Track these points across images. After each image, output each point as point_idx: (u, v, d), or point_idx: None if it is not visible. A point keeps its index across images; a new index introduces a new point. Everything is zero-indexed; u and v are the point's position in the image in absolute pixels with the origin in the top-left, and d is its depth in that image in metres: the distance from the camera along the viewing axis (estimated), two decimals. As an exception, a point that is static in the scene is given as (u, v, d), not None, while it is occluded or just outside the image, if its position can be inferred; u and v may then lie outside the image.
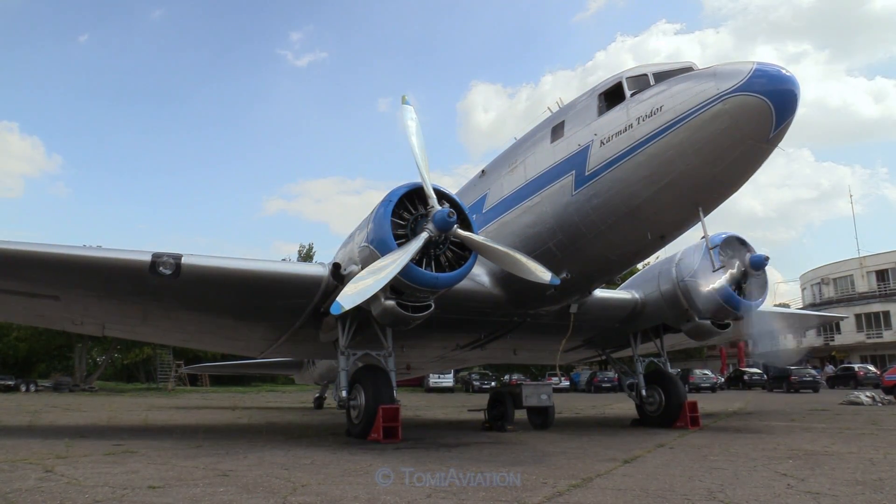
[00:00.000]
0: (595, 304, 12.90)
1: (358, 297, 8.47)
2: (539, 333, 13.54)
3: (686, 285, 12.68)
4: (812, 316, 26.59)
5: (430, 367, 21.93)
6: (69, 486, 5.71)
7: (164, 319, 11.84)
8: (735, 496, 5.34)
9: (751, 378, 43.94)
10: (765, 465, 7.24)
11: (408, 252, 8.65)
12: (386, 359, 10.67)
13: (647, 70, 9.35)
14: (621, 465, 7.29)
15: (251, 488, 5.66)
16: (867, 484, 5.96)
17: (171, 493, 5.39)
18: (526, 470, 6.78)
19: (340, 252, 10.55)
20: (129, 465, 7.20)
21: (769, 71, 8.01)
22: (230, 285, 10.41)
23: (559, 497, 5.29)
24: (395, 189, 9.51)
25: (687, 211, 9.11)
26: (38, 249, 9.69)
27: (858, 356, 54.38)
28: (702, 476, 6.47)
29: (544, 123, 10.93)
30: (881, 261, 57.42)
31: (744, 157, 8.35)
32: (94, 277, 10.05)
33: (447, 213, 8.88)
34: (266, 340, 13.08)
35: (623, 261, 10.78)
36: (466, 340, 13.74)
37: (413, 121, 9.90)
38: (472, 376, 46.47)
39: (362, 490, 5.60)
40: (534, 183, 10.48)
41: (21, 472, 6.60)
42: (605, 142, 9.28)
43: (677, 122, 8.44)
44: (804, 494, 5.43)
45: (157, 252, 9.80)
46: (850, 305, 56.08)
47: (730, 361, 56.03)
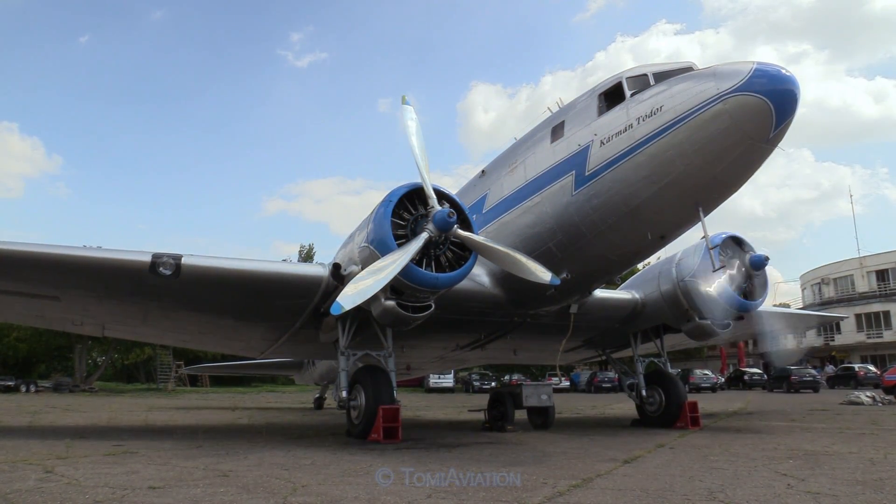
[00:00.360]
0: (595, 304, 12.90)
1: (358, 298, 8.47)
2: (539, 334, 13.54)
3: (686, 285, 12.67)
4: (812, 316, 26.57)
5: (430, 368, 21.93)
6: (69, 487, 5.70)
7: (164, 320, 11.83)
8: (735, 496, 5.34)
9: (751, 378, 43.99)
10: (765, 465, 7.24)
11: (408, 252, 8.64)
12: (386, 359, 10.67)
13: (647, 70, 9.34)
14: (621, 466, 7.29)
15: (251, 489, 5.66)
16: (867, 484, 5.96)
17: (171, 494, 5.38)
18: (526, 470, 6.78)
19: (340, 252, 10.55)
20: (130, 465, 7.20)
21: (769, 71, 8.01)
22: (230, 285, 10.41)
23: (559, 497, 5.28)
24: (395, 189, 9.50)
25: (687, 211, 9.10)
26: (38, 250, 9.68)
27: (858, 356, 54.41)
28: (702, 476, 6.46)
29: (544, 124, 10.93)
30: (881, 261, 57.44)
31: (744, 157, 8.35)
32: (94, 278, 10.05)
33: (447, 214, 8.87)
34: (266, 341, 13.08)
35: (623, 261, 10.77)
36: (466, 341, 13.73)
37: (413, 121, 9.90)
38: (472, 376, 46.48)
39: (362, 490, 5.60)
40: (534, 183, 10.48)
41: (21, 472, 6.60)
42: (606, 142, 9.28)
43: (677, 121, 8.44)
44: (804, 494, 5.42)
45: (157, 252, 9.80)
46: (850, 305, 56.11)
47: (730, 361, 56.07)
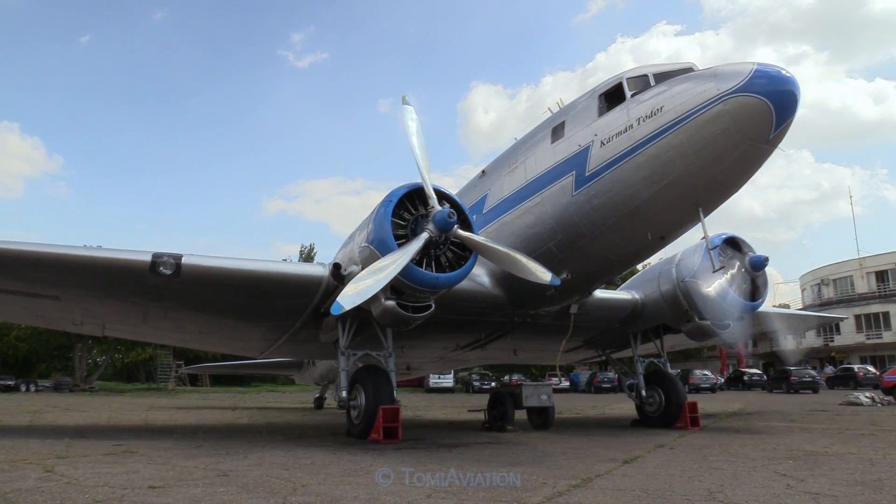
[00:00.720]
0: (595, 304, 12.91)
1: (358, 298, 8.46)
2: (539, 334, 13.54)
3: (686, 286, 12.68)
4: (812, 317, 26.60)
5: (430, 368, 21.93)
6: (69, 486, 5.71)
7: (164, 319, 11.83)
8: (735, 496, 5.35)
9: (750, 378, 44.04)
10: (764, 466, 7.25)
11: (408, 252, 8.64)
12: (386, 359, 10.67)
13: (648, 71, 9.35)
14: (621, 466, 7.29)
15: (251, 488, 5.67)
16: (866, 484, 5.96)
17: (171, 493, 5.39)
18: (526, 470, 6.78)
19: (341, 252, 10.56)
20: (130, 465, 7.20)
21: (769, 72, 8.01)
22: (230, 285, 10.41)
23: (559, 497, 5.29)
24: (395, 189, 9.50)
25: (687, 211, 9.11)
26: (39, 249, 9.68)
27: (858, 357, 54.47)
28: (701, 476, 6.47)
29: (544, 124, 10.93)
30: (881, 262, 57.46)
31: (744, 158, 8.35)
32: (95, 277, 10.05)
33: (447, 214, 8.87)
34: (266, 341, 13.09)
35: (623, 261, 10.77)
36: (466, 341, 13.74)
37: (413, 121, 9.90)
38: (472, 376, 46.50)
39: (362, 490, 5.61)
40: (534, 183, 10.49)
41: (21, 472, 6.60)
42: (606, 142, 9.28)
43: (678, 122, 8.44)
44: (803, 495, 5.43)
45: (157, 252, 9.80)
46: (849, 306, 56.11)
47: (729, 362, 56.04)
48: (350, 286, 8.74)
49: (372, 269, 8.78)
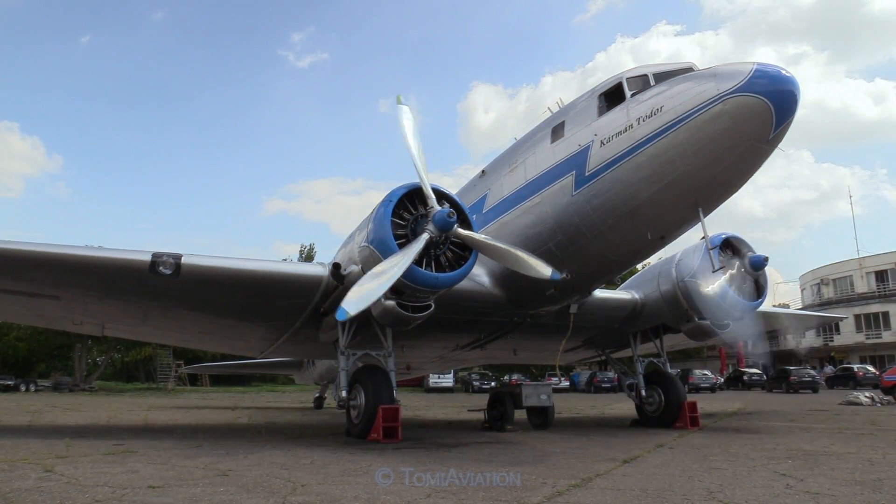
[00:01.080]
0: (595, 304, 12.91)
1: (362, 303, 8.44)
2: (539, 334, 13.54)
3: (686, 286, 12.68)
4: (811, 316, 26.62)
5: (430, 368, 21.93)
6: (69, 486, 5.71)
7: (164, 319, 11.84)
8: (734, 496, 5.35)
9: (750, 378, 43.99)
10: (764, 466, 7.25)
11: (410, 254, 8.62)
12: (386, 359, 10.67)
13: (648, 70, 9.35)
14: (621, 465, 7.29)
15: (251, 488, 5.67)
16: (866, 484, 5.97)
17: (171, 493, 5.39)
18: (526, 470, 6.78)
19: (340, 252, 10.56)
20: (129, 464, 7.20)
21: (769, 72, 8.02)
22: (230, 285, 10.41)
23: (559, 497, 5.29)
24: (395, 189, 9.50)
25: (687, 211, 9.11)
26: (38, 249, 9.68)
27: (858, 356, 54.46)
28: (701, 476, 6.47)
29: (544, 124, 10.93)
30: (880, 261, 57.46)
31: (744, 158, 8.35)
32: (95, 277, 10.05)
33: (447, 214, 8.86)
34: (266, 340, 13.08)
35: (623, 261, 10.78)
36: (466, 340, 13.73)
37: (409, 121, 9.85)
38: (472, 376, 46.48)
39: (362, 490, 5.60)
40: (534, 183, 10.49)
41: (21, 471, 6.60)
42: (606, 142, 9.29)
43: (677, 122, 8.45)
44: (803, 494, 5.43)
45: (157, 252, 9.79)
46: (849, 306, 56.14)
47: (729, 362, 56.02)
48: (354, 290, 8.70)
49: (374, 272, 8.75)
